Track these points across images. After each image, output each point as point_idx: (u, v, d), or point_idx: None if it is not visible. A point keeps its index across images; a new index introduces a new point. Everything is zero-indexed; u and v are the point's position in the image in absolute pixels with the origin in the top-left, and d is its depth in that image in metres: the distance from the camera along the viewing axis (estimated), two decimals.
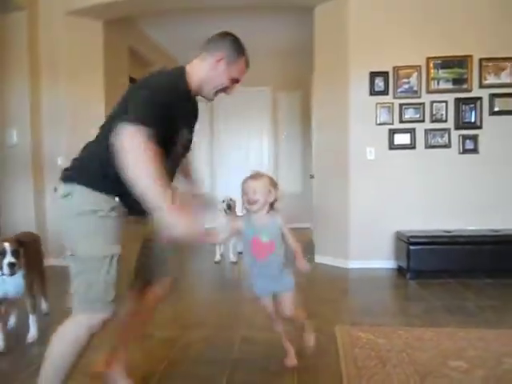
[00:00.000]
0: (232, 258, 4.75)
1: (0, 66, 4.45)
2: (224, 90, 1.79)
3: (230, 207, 4.51)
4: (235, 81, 1.79)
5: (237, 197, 3.37)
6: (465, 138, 4.19)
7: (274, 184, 2.05)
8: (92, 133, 1.67)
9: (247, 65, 1.80)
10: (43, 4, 4.57)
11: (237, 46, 1.75)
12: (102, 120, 1.68)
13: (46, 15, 4.57)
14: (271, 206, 2.04)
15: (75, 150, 1.67)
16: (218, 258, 4.78)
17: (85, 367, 1.84)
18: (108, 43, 4.93)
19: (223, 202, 4.54)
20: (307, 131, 6.03)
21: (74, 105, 4.66)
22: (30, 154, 4.45)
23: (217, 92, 1.79)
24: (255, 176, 2.05)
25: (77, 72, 4.67)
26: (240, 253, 5.09)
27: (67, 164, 1.66)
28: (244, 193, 2.02)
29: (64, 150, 4.53)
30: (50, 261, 4.64)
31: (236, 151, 7.42)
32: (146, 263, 1.81)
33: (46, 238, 4.64)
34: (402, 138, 4.25)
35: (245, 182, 2.03)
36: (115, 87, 5.11)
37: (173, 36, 6.32)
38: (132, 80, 6.00)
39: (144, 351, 2.37)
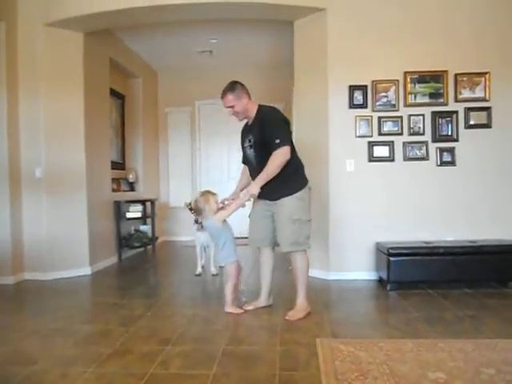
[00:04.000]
0: (213, 270, 4.71)
1: None
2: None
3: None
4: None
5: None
6: (442, 150, 4.28)
7: None
8: (70, 143, 1.65)
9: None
10: (22, 15, 4.51)
11: None
12: (81, 131, 1.67)
13: (25, 26, 4.51)
14: None
15: (54, 161, 1.65)
16: (199, 270, 4.73)
17: None
18: (88, 54, 4.89)
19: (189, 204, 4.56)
20: None
21: (53, 116, 4.58)
22: (7, 166, 4.33)
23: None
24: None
25: (56, 83, 4.61)
26: (221, 267, 5.06)
27: (46, 175, 1.64)
28: None
29: (43, 161, 4.39)
30: (25, 275, 4.55)
31: (218, 163, 7.51)
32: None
33: (22, 252, 4.55)
34: (381, 151, 4.32)
35: None
36: (95, 98, 5.07)
37: (152, 48, 6.33)
38: (112, 91, 5.97)
39: (124, 367, 2.33)
